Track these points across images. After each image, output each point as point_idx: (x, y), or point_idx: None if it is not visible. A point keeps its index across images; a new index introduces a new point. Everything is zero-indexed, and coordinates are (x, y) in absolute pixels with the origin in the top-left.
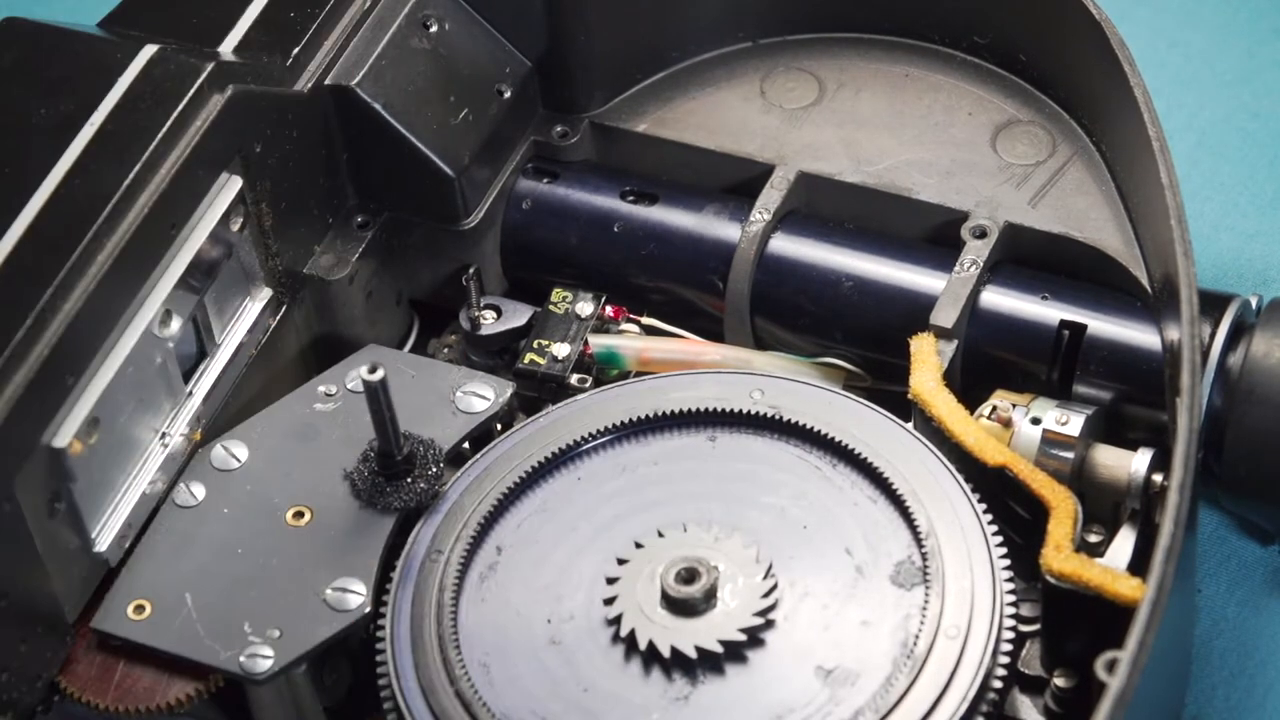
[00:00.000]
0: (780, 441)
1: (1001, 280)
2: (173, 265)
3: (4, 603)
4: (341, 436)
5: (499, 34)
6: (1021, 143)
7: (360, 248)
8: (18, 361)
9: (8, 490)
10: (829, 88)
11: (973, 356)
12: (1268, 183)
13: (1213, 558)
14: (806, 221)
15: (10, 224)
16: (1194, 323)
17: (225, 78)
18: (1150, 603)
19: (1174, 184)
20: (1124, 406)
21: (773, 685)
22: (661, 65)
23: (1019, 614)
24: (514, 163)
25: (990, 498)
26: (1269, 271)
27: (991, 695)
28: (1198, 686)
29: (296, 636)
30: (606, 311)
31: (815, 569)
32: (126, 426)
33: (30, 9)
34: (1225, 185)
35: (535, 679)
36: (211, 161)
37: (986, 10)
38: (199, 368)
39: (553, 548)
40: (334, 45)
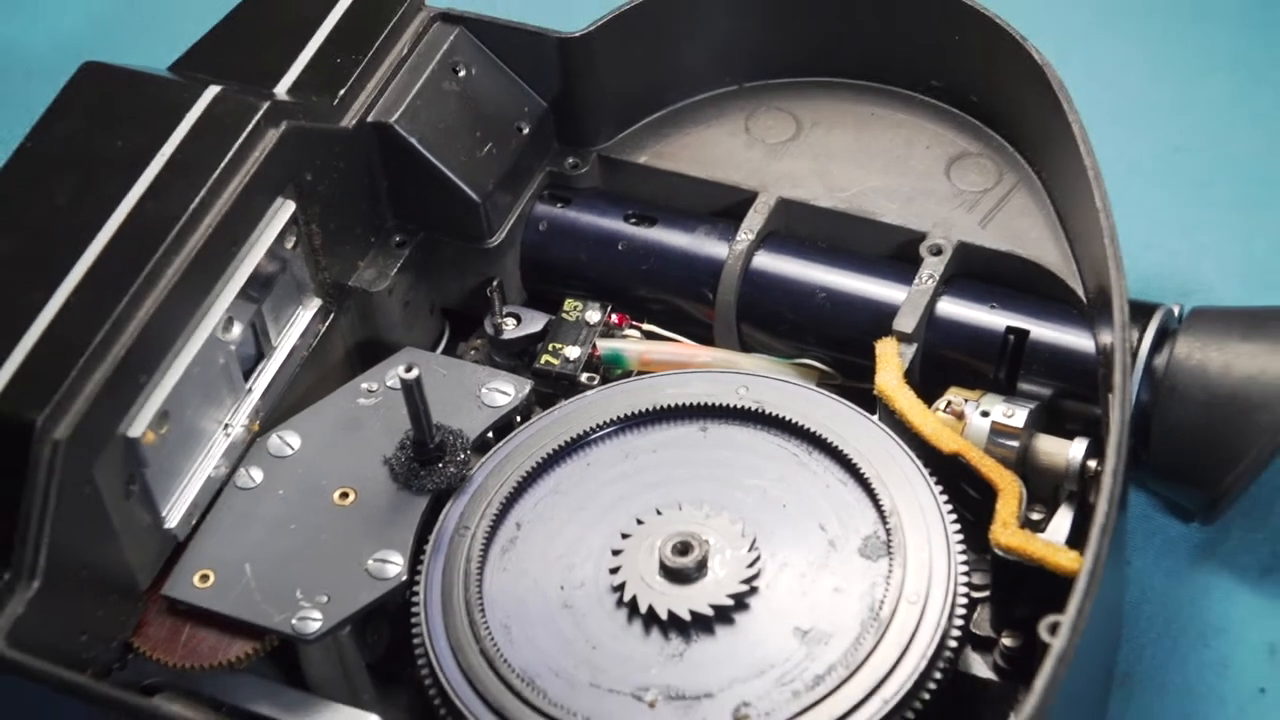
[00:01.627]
0: (763, 432)
1: (955, 291)
2: (234, 278)
3: (84, 572)
4: (382, 427)
5: (519, 78)
6: (972, 172)
7: (398, 263)
8: (97, 361)
9: (87, 474)
10: (805, 125)
11: (930, 358)
12: (1189, 207)
13: (1140, 533)
14: (785, 241)
15: (91, 241)
16: (1125, 328)
17: (280, 115)
18: (1087, 573)
19: (1107, 208)
20: (1062, 401)
21: (756, 644)
22: (659, 106)
23: (971, 582)
24: (531, 190)
25: (945, 480)
26: (1189, 285)
27: (948, 654)
28: (1128, 646)
29: (342, 601)
30: (612, 319)
31: (793, 543)
32: (193, 419)
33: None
34: (1152, 209)
35: (550, 639)
36: (268, 188)
37: (942, 57)
38: (257, 367)
39: (565, 524)
40: (375, 87)
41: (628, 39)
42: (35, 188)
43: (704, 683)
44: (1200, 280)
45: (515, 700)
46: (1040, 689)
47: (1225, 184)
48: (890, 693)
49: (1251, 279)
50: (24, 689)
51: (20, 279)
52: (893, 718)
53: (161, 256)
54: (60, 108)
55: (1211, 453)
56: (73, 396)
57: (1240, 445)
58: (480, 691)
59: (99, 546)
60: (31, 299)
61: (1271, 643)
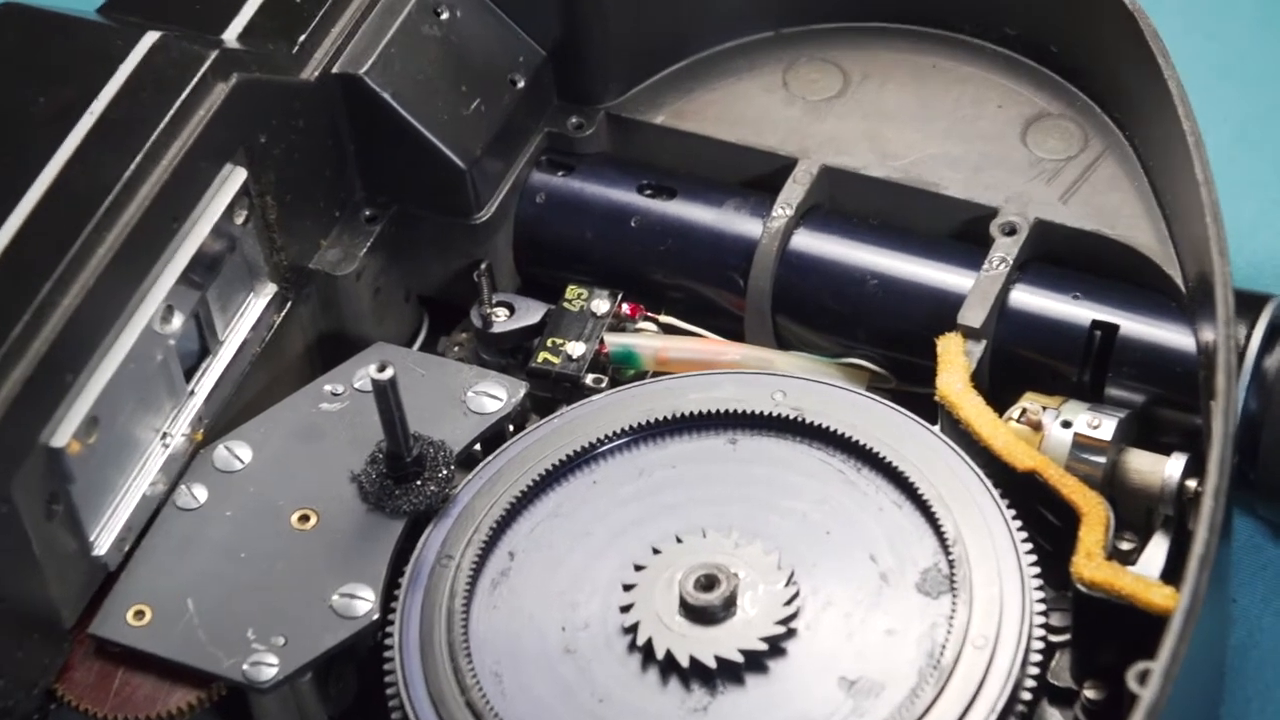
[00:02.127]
0: (803, 445)
1: (1031, 279)
2: (175, 259)
3: (4, 606)
4: (349, 437)
5: (513, 21)
6: (1052, 137)
7: (368, 242)
8: (15, 358)
9: (4, 491)
10: (854, 79)
11: (1001, 357)
12: None
13: (1248, 566)
14: (830, 217)
15: (8, 216)
16: (1229, 323)
17: (229, 66)
18: (1184, 612)
19: (1209, 180)
20: (1157, 410)
21: (794, 696)
22: (681, 55)
23: (1049, 623)
24: (527, 155)
25: (1019, 503)
26: None
27: (1020, 708)
28: (1232, 699)
29: (302, 644)
30: (623, 309)
31: (838, 576)
32: (126, 426)
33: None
34: (1263, 181)
35: (549, 689)
36: (215, 152)
37: (1014, 7)
38: (201, 366)
39: (567, 553)
40: (341, 32)
41: None
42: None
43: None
44: None
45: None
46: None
47: None
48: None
49: None
50: None
51: None
52: None
53: (90, 234)
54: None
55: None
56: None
57: None
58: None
59: (16, 577)
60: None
61: None
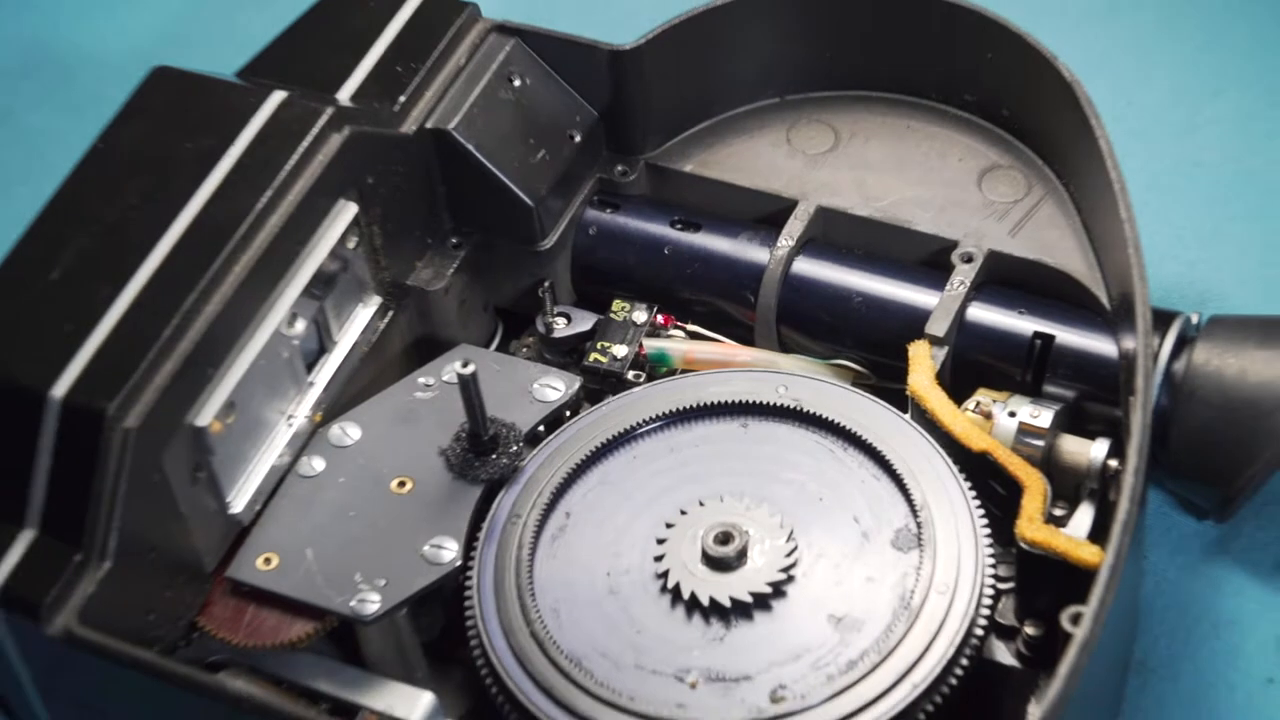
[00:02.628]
0: (800, 429)
1: (985, 297)
2: (298, 276)
3: (152, 555)
4: (438, 420)
5: (571, 88)
6: (1002, 184)
7: (454, 264)
8: (166, 354)
9: (156, 462)
10: (843, 137)
11: (960, 360)
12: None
13: (1157, 529)
14: (823, 247)
15: (161, 239)
16: (1147, 335)
17: (343, 120)
18: (1108, 567)
19: (1131, 219)
20: (1085, 404)
21: (793, 630)
22: (705, 116)
23: (997, 574)
24: (582, 195)
25: (974, 477)
26: (1207, 294)
27: (974, 641)
28: (1144, 637)
29: (399, 585)
30: (657, 319)
31: (828, 534)
32: (258, 409)
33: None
34: (1171, 221)
35: (597, 622)
36: (331, 190)
37: (975, 73)
38: (319, 361)
39: (612, 513)
40: (434, 95)
41: (675, 52)
42: (107, 187)
43: (743, 666)
44: (1217, 290)
45: (564, 680)
46: (1063, 676)
47: (1241, 198)
48: (919, 678)
49: (1267, 289)
50: (95, 665)
51: (93, 275)
52: (921, 702)
53: (229, 255)
54: (132, 110)
55: (1226, 454)
56: (142, 387)
57: (1254, 448)
58: (530, 672)
59: (167, 530)
60: (104, 294)
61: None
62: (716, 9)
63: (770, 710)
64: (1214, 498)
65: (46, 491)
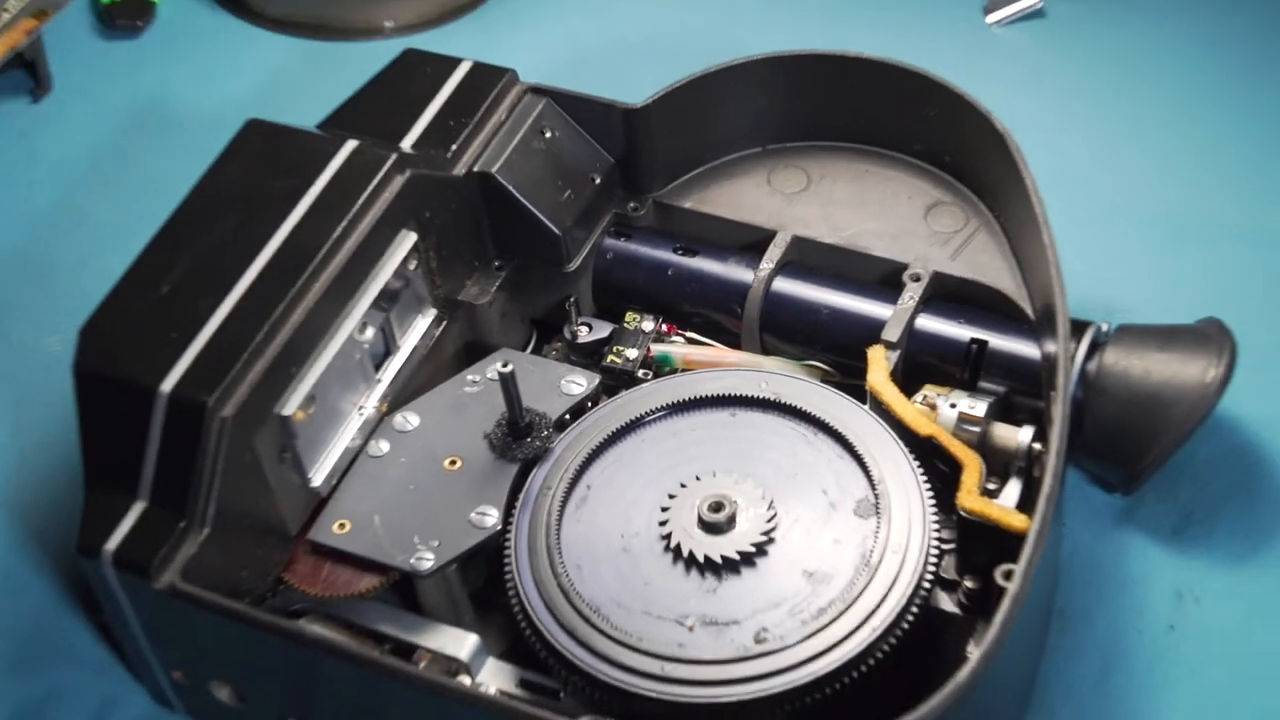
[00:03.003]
0: (779, 417)
1: (930, 310)
2: (368, 292)
3: (245, 521)
4: (483, 410)
5: (592, 139)
6: (945, 217)
7: (497, 283)
8: (257, 356)
9: (248, 445)
10: (814, 179)
11: (910, 361)
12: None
13: (1074, 501)
14: (798, 269)
15: (253, 262)
16: (1066, 340)
17: (405, 165)
18: (1035, 532)
19: (1052, 245)
20: (1014, 397)
21: (772, 582)
22: (701, 163)
23: (941, 537)
24: (601, 227)
25: (921, 457)
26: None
27: (922, 593)
28: (1063, 590)
29: (449, 545)
30: (662, 328)
31: (802, 504)
32: (334, 401)
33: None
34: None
35: (612, 576)
36: (394, 222)
37: (923, 126)
38: (385, 361)
39: (625, 486)
40: (480, 144)
41: (677, 110)
42: (208, 219)
43: (732, 612)
44: (1123, 303)
45: (585, 624)
46: (998, 623)
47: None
48: (878, 623)
49: (1165, 303)
50: (195, 614)
51: (196, 290)
52: (879, 643)
53: (309, 274)
54: (229, 155)
55: (1131, 439)
56: (237, 383)
57: (1154, 434)
58: (558, 617)
59: (257, 501)
60: (205, 306)
61: (1178, 590)
62: (710, 75)
63: (755, 649)
64: (1121, 475)
65: (155, 469)
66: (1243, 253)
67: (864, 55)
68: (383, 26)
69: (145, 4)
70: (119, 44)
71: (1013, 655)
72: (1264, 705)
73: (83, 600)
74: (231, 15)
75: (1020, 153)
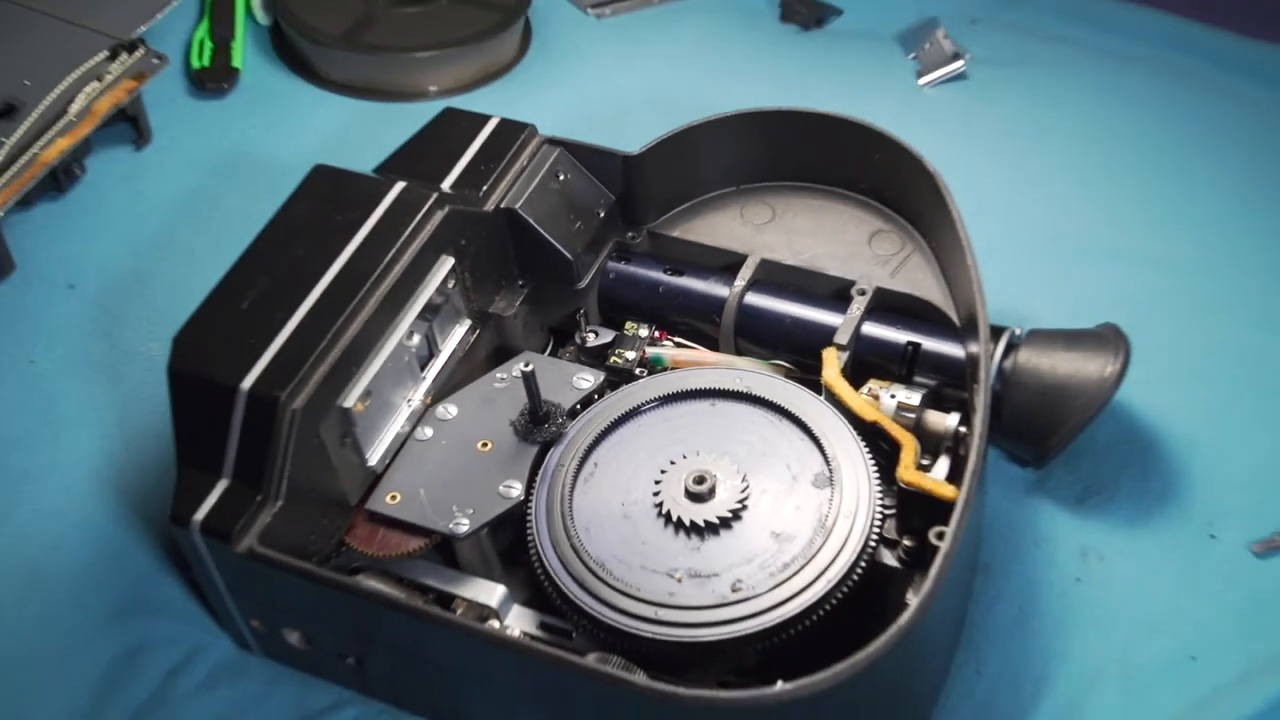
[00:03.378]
0: (750, 407)
1: (874, 318)
2: (414, 306)
3: (312, 495)
4: (509, 401)
5: (597, 180)
6: (885, 243)
7: (520, 298)
8: (322, 359)
9: (315, 432)
10: (779, 212)
11: (857, 360)
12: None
13: (994, 474)
14: (765, 285)
15: (320, 280)
16: (986, 343)
17: (444, 202)
18: (962, 500)
19: (974, 265)
20: (943, 389)
21: (745, 542)
22: (686, 200)
23: (884, 503)
24: (605, 252)
25: (867, 439)
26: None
27: (869, 550)
28: (986, 548)
29: (482, 512)
30: (655, 334)
31: (769, 478)
32: (387, 395)
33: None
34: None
35: (615, 536)
36: (435, 249)
37: (868, 169)
38: (429, 362)
39: (625, 463)
40: (506, 186)
41: (666, 157)
42: (282, 246)
43: (713, 566)
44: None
45: (592, 577)
46: (932, 575)
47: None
48: (832, 575)
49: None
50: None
51: (271, 305)
52: (833, 592)
53: (365, 291)
54: (299, 194)
55: (1041, 423)
56: (305, 381)
57: (1061, 419)
58: (570, 571)
59: (322, 478)
60: (278, 318)
61: (1083, 548)
62: (693, 128)
63: (731, 597)
64: (1034, 453)
65: (236, 452)
66: (1130, 270)
67: (819, 111)
68: (427, 90)
69: (230, 69)
70: (208, 103)
71: (944, 603)
72: (1158, 645)
73: (175, 562)
74: (302, 80)
75: (947, 189)
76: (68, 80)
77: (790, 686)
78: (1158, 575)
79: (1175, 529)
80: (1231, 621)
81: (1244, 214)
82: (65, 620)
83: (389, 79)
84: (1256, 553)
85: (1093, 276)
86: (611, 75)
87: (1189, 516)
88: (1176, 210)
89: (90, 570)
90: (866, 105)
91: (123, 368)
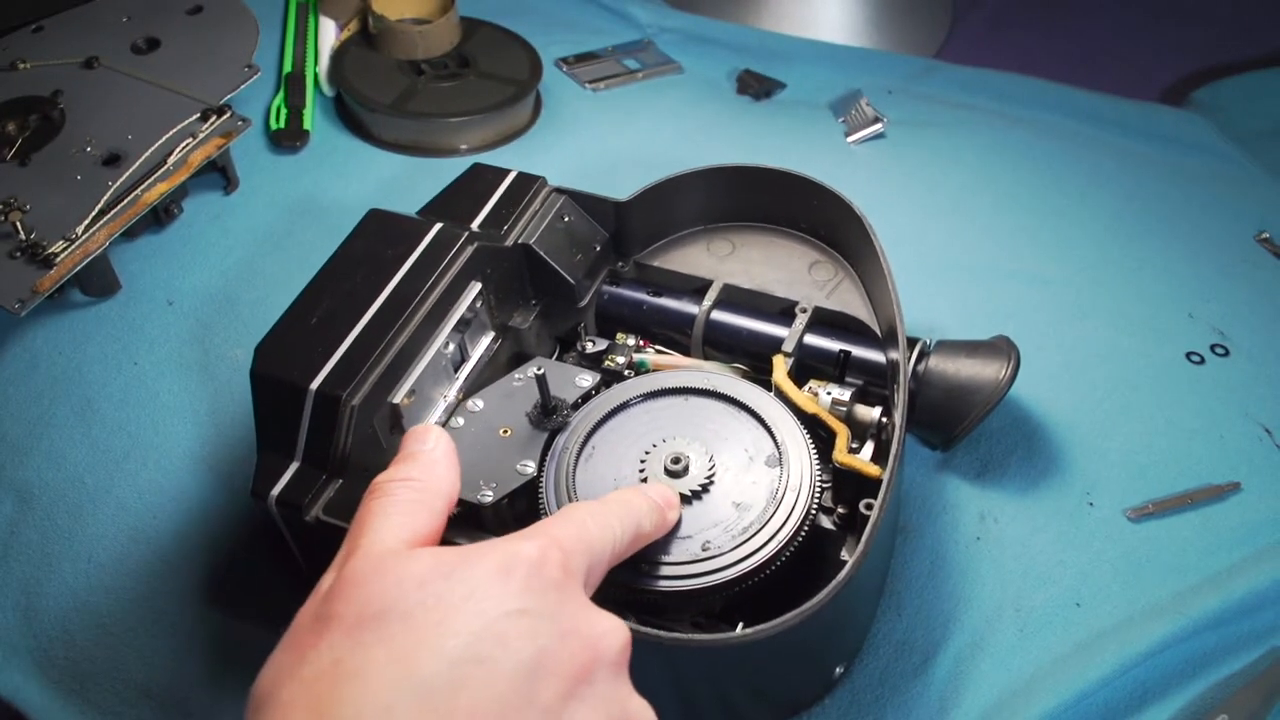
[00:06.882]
0: (715, 401)
1: (813, 331)
2: (449, 321)
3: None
4: (525, 397)
5: (594, 222)
6: (821, 271)
7: (534, 314)
8: (376, 364)
9: (369, 423)
10: (738, 246)
11: (800, 365)
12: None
13: (910, 455)
14: (727, 305)
15: (374, 302)
16: (903, 350)
17: (473, 239)
18: (886, 478)
19: (894, 289)
20: (869, 388)
21: (712, 510)
22: (664, 236)
23: (823, 480)
24: (601, 277)
25: (809, 427)
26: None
27: (811, 516)
28: (904, 513)
29: (503, 486)
30: (641, 344)
31: (731, 458)
32: (428, 393)
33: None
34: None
35: None
36: (466, 277)
37: (808, 212)
38: (461, 366)
39: (616, 446)
40: (523, 225)
41: (649, 202)
42: (342, 275)
43: (686, 530)
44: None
45: None
46: (863, 539)
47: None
48: (782, 536)
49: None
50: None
51: (335, 320)
52: (783, 550)
53: (410, 310)
54: (357, 233)
55: (948, 416)
56: (362, 382)
57: (963, 412)
58: None
59: (376, 461)
60: (341, 331)
61: (981, 513)
62: (670, 179)
63: (701, 555)
64: (942, 439)
65: (306, 440)
66: (1020, 289)
67: (769, 166)
68: (459, 148)
69: (302, 131)
70: (284, 157)
71: (872, 561)
72: (1046, 593)
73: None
74: (359, 139)
75: (871, 227)
76: (165, 136)
77: (750, 630)
78: (1044, 534)
79: (1058, 498)
80: (1110, 575)
81: (1109, 242)
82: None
83: (429, 139)
84: (1131, 518)
85: (988, 294)
86: (605, 137)
87: (1069, 487)
88: (1056, 239)
89: (182, 535)
90: (806, 160)
91: (213, 369)
